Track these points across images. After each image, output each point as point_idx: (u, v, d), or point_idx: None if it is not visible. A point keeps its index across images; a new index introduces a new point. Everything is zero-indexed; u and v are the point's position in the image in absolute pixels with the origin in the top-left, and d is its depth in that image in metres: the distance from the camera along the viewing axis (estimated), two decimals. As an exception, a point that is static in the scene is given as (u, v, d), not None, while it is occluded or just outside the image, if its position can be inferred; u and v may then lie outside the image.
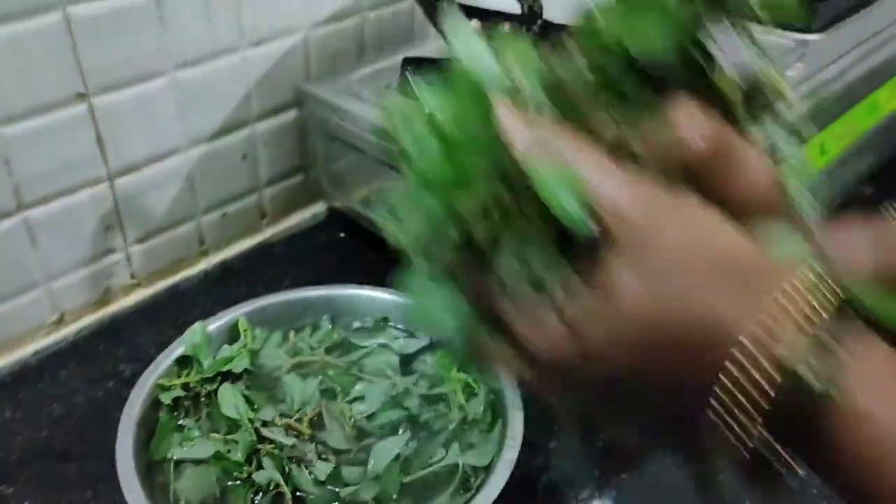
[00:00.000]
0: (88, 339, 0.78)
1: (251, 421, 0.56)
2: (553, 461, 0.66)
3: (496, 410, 0.60)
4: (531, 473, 0.65)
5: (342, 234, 0.93)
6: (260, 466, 0.54)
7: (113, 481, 0.63)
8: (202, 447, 0.56)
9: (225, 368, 0.61)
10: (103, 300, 0.80)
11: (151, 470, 0.56)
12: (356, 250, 0.89)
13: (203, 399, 0.60)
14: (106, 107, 0.72)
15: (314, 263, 0.88)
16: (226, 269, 0.88)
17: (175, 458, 0.56)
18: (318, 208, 0.96)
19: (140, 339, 0.77)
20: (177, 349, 0.62)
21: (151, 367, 0.61)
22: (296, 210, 0.95)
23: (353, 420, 0.60)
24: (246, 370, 0.62)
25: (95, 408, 0.70)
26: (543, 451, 0.67)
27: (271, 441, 0.56)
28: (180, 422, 0.59)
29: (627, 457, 0.61)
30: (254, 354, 0.63)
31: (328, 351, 0.66)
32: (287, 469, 0.54)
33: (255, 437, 0.56)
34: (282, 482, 0.53)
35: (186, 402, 0.60)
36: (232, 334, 0.65)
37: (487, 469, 0.55)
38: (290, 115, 0.88)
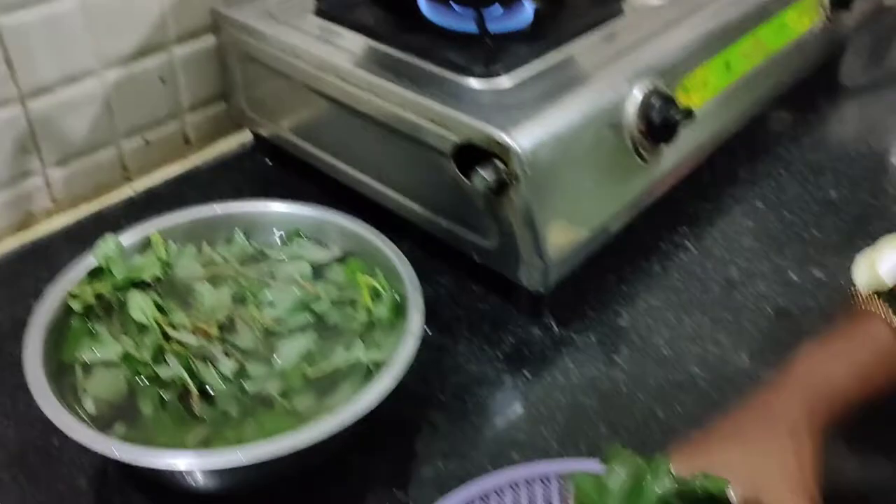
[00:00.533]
0: (11, 261, 0.79)
1: (158, 323, 0.58)
2: (461, 363, 0.69)
3: (401, 312, 0.62)
4: (440, 374, 0.68)
5: (269, 162, 0.95)
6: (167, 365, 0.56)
7: (26, 392, 0.65)
8: (111, 349, 0.58)
9: (136, 277, 0.62)
10: (25, 223, 0.81)
11: (62, 373, 0.57)
12: (283, 177, 0.91)
13: (115, 307, 0.62)
14: (13, 27, 0.72)
15: (240, 190, 0.89)
16: (151, 195, 0.89)
17: (85, 360, 0.58)
18: (246, 136, 0.97)
19: (63, 262, 0.77)
20: (89, 260, 0.63)
21: (62, 275, 0.62)
22: (222, 137, 0.96)
23: (262, 323, 0.62)
24: (159, 280, 0.64)
25: (16, 324, 0.71)
26: (452, 354, 0.70)
27: (179, 342, 0.58)
28: (92, 328, 0.60)
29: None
30: (167, 266, 0.65)
31: (241, 262, 0.68)
32: (193, 366, 0.56)
33: (161, 338, 0.57)
34: (187, 379, 0.55)
35: (98, 311, 0.62)
36: (145, 248, 0.66)
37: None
38: (210, 39, 0.88)
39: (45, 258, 0.79)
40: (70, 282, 0.62)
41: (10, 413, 0.64)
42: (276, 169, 0.93)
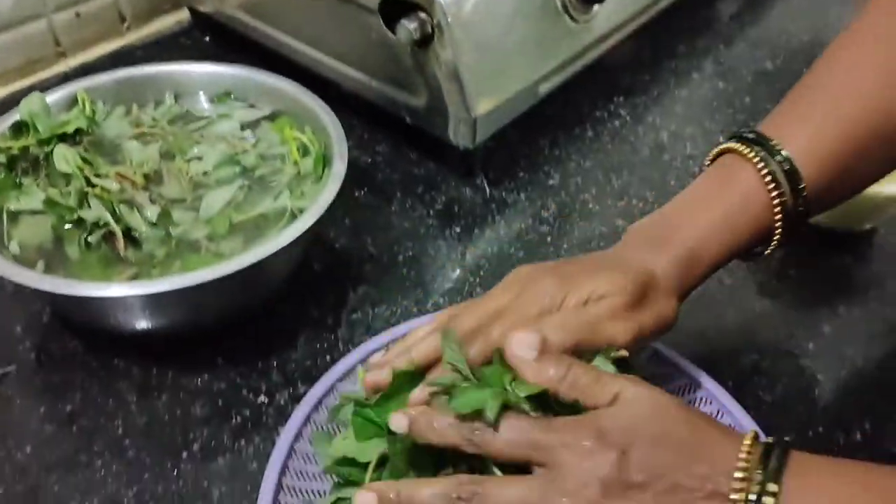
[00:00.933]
0: (-58, 134, 0.78)
1: (81, 170, 0.59)
2: (393, 221, 0.71)
3: (328, 166, 0.63)
4: (372, 231, 0.70)
5: (207, 38, 0.94)
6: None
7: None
8: (36, 198, 0.58)
9: (61, 131, 0.62)
10: (-45, 97, 0.80)
11: (-11, 221, 0.58)
12: (221, 54, 0.90)
13: (42, 162, 0.62)
14: None
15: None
16: (86, 71, 0.87)
17: (10, 209, 0.58)
18: (183, 14, 0.95)
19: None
20: (13, 115, 0.63)
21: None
22: (159, 15, 0.94)
23: (189, 176, 0.62)
24: (87, 136, 0.64)
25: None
26: (385, 213, 0.72)
27: (103, 188, 0.58)
28: (18, 181, 0.61)
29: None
30: (93, 122, 0.65)
31: (170, 122, 0.68)
32: (118, 211, 0.57)
33: (85, 184, 0.58)
34: (111, 221, 0.56)
35: (25, 165, 0.62)
36: (72, 107, 0.66)
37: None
38: None
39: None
40: (-6, 136, 0.62)
41: (-56, 270, 0.64)
42: (213, 45, 0.93)
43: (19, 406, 0.55)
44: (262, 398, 0.56)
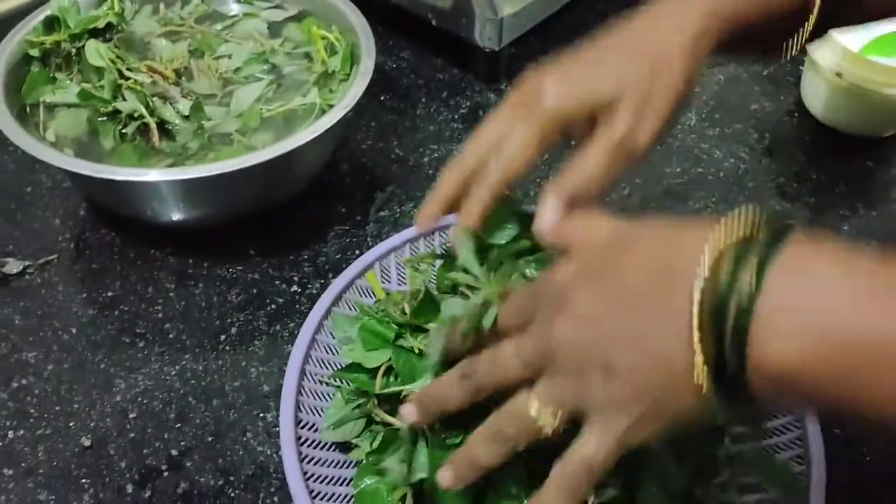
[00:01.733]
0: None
1: (114, 63, 0.59)
2: (418, 124, 0.72)
3: (356, 64, 0.63)
4: (398, 133, 0.71)
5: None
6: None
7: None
8: (71, 91, 0.59)
9: (91, 26, 0.62)
10: (-19, 0, 0.80)
11: (24, 116, 0.59)
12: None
13: (74, 57, 0.63)
14: None
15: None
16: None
17: (48, 101, 0.59)
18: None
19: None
20: (44, 11, 0.64)
21: (19, 25, 0.62)
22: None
23: (219, 73, 0.63)
24: (117, 33, 0.64)
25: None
26: (410, 116, 0.72)
27: (136, 81, 0.59)
28: (51, 75, 0.62)
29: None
30: (121, 18, 0.65)
31: (198, 21, 0.68)
32: (151, 104, 0.58)
33: (118, 77, 0.59)
34: (145, 112, 0.58)
35: (58, 60, 0.63)
36: (101, 5, 0.66)
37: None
38: None
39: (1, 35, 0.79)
40: (24, 31, 0.62)
41: (-19, 166, 0.66)
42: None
43: (62, 292, 0.57)
44: (295, 287, 0.58)
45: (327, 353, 0.50)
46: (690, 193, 0.66)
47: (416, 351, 0.47)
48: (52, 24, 0.63)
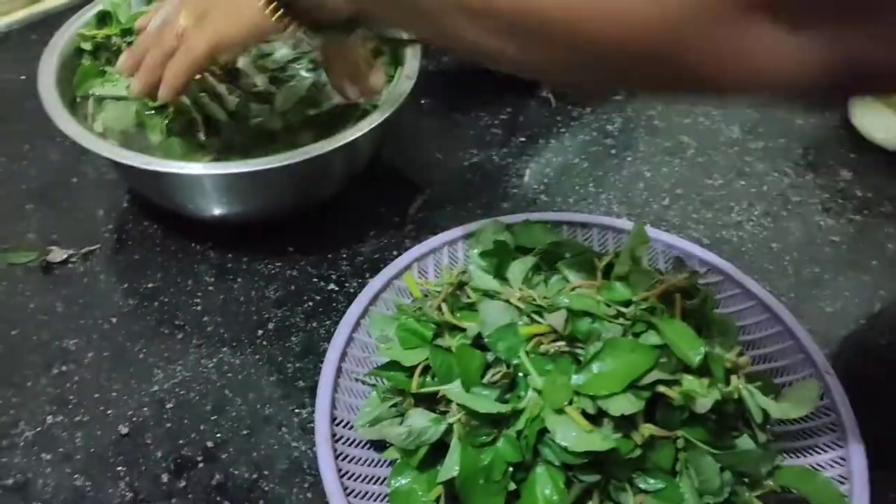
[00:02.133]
0: (21, 31, 0.81)
1: (165, 58, 0.60)
2: (459, 128, 0.72)
3: (399, 65, 0.64)
4: (439, 136, 0.71)
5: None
6: (173, 96, 0.59)
7: (48, 138, 0.68)
8: (121, 84, 0.60)
9: (142, 21, 0.63)
10: (34, -3, 0.82)
11: (75, 105, 0.60)
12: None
13: (124, 51, 0.64)
14: None
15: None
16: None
17: (97, 94, 0.60)
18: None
19: (72, 33, 0.80)
20: (97, 6, 0.65)
21: (72, 18, 0.64)
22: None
23: (265, 69, 0.64)
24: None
25: (29, 83, 0.73)
26: (451, 120, 0.73)
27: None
28: (103, 69, 0.63)
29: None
30: (171, 16, 0.66)
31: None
32: (198, 99, 0.59)
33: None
34: (192, 109, 0.58)
35: (108, 54, 0.64)
36: (151, 2, 0.68)
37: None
38: None
39: (54, 28, 0.81)
40: (77, 24, 0.63)
41: (29, 155, 0.67)
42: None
43: (104, 281, 0.58)
44: (333, 286, 0.58)
45: (363, 351, 0.51)
46: (732, 206, 0.65)
47: (453, 350, 0.46)
48: (104, 18, 0.64)
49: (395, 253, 0.61)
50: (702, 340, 0.42)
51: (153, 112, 0.59)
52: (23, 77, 0.75)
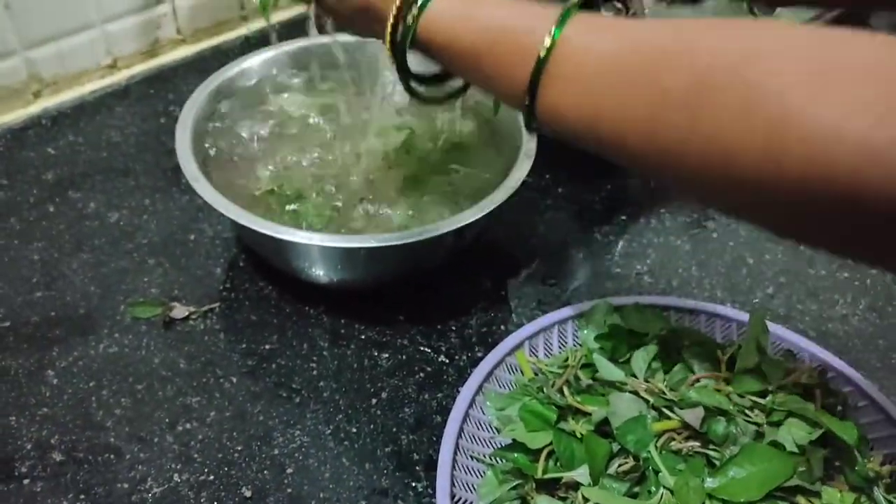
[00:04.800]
0: (140, 84, 0.84)
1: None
2: (561, 203, 0.73)
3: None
4: (541, 211, 0.72)
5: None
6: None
7: (166, 192, 0.71)
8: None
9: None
10: (152, 51, 0.86)
11: (207, 161, 0.63)
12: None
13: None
14: None
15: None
16: (264, 36, 0.92)
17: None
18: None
19: (187, 89, 0.83)
20: (239, 64, 0.69)
21: (211, 77, 0.67)
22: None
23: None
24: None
25: (149, 136, 0.77)
26: (553, 195, 0.74)
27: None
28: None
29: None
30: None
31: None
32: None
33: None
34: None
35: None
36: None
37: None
38: None
39: (171, 84, 0.85)
40: (216, 84, 0.67)
41: (151, 210, 0.70)
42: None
43: (224, 340, 0.60)
44: (443, 357, 0.60)
45: (478, 428, 0.52)
46: (837, 298, 0.65)
47: (578, 436, 0.47)
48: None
49: (501, 327, 0.62)
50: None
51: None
52: (145, 130, 0.78)
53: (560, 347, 0.57)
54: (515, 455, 0.48)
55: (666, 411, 0.45)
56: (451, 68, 0.45)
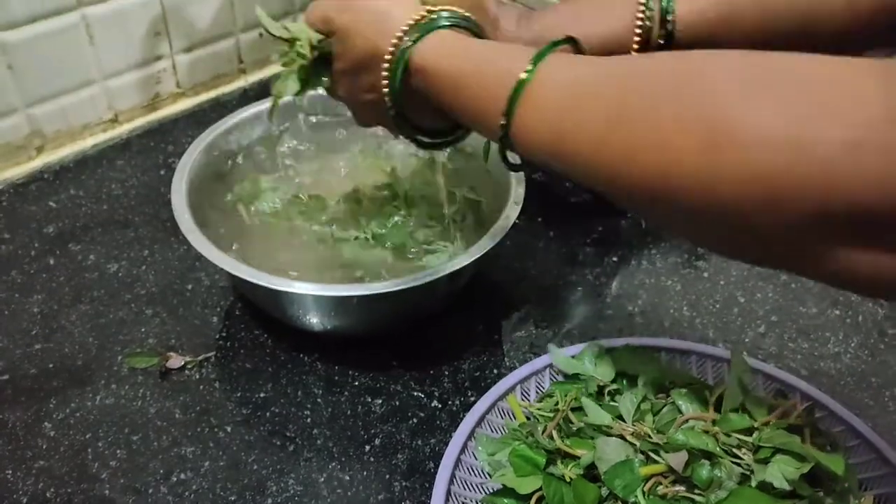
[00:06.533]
0: (140, 137, 0.87)
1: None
2: (552, 246, 0.74)
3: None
4: (532, 253, 0.73)
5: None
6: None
7: (164, 243, 0.72)
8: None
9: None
10: (153, 105, 0.88)
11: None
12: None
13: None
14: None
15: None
16: (262, 87, 0.95)
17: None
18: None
19: (186, 141, 0.85)
20: (233, 117, 0.70)
21: (210, 129, 0.69)
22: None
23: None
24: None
25: (149, 188, 0.79)
26: (544, 238, 0.75)
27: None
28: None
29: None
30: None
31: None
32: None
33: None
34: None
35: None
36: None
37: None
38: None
39: (171, 137, 0.87)
40: (213, 136, 0.68)
41: (149, 261, 0.71)
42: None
43: (219, 389, 0.61)
44: (436, 402, 0.60)
45: (470, 473, 0.52)
46: (828, 336, 0.65)
47: (567, 480, 0.47)
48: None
49: (494, 371, 0.63)
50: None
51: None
52: (145, 182, 0.80)
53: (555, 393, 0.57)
54: (505, 501, 0.48)
55: (652, 455, 0.46)
56: (438, 96, 0.47)
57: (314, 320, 0.61)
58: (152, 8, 0.82)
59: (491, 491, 0.50)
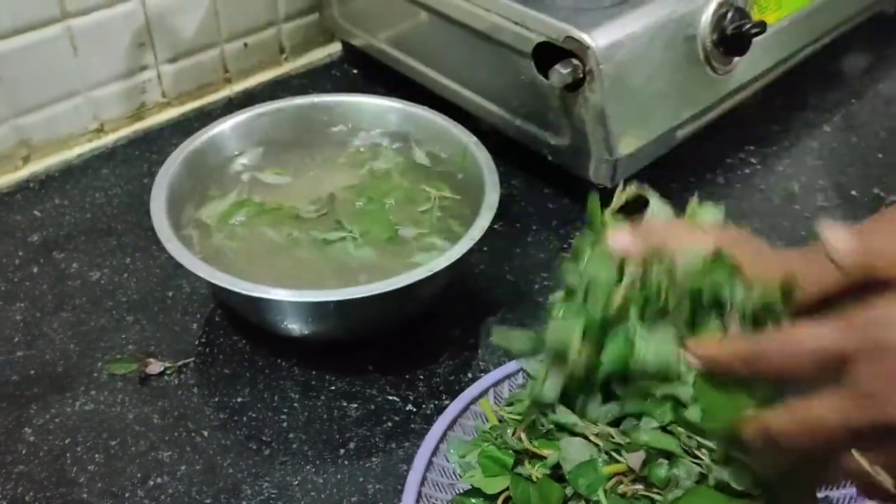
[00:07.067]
0: (126, 147, 0.88)
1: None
2: (529, 251, 0.75)
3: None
4: (510, 258, 0.74)
5: (355, 71, 1.01)
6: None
7: (146, 251, 0.73)
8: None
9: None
10: (138, 115, 0.89)
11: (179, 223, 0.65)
12: (368, 87, 0.97)
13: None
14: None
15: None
16: (248, 96, 0.96)
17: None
18: (335, 48, 1.03)
19: (171, 150, 0.86)
20: (208, 131, 0.71)
21: (189, 140, 0.70)
22: (313, 48, 1.02)
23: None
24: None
25: (133, 197, 0.80)
26: (522, 244, 0.76)
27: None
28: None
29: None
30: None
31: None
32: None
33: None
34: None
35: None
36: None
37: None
38: (308, -48, 0.94)
39: (156, 146, 0.88)
40: (192, 147, 0.69)
41: (131, 269, 0.72)
42: (361, 78, 1.00)
43: (197, 394, 0.62)
44: (410, 406, 0.61)
45: (443, 475, 0.53)
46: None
47: (534, 479, 0.48)
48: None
49: (469, 375, 0.63)
50: None
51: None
52: (129, 191, 0.81)
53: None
54: (473, 501, 0.49)
55: (615, 454, 0.46)
56: None
57: (292, 326, 0.62)
58: (136, 19, 0.83)
59: (460, 492, 0.51)
